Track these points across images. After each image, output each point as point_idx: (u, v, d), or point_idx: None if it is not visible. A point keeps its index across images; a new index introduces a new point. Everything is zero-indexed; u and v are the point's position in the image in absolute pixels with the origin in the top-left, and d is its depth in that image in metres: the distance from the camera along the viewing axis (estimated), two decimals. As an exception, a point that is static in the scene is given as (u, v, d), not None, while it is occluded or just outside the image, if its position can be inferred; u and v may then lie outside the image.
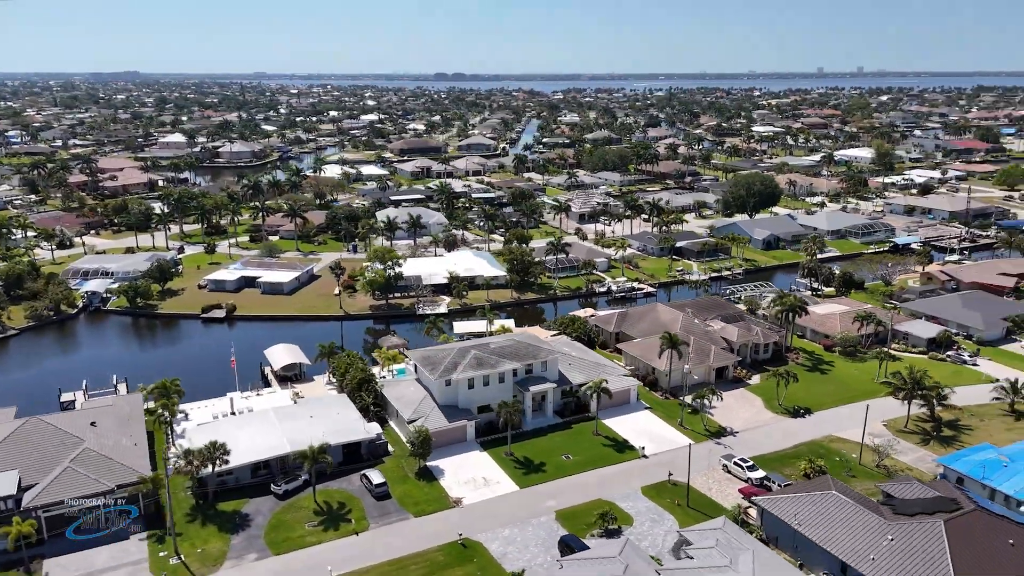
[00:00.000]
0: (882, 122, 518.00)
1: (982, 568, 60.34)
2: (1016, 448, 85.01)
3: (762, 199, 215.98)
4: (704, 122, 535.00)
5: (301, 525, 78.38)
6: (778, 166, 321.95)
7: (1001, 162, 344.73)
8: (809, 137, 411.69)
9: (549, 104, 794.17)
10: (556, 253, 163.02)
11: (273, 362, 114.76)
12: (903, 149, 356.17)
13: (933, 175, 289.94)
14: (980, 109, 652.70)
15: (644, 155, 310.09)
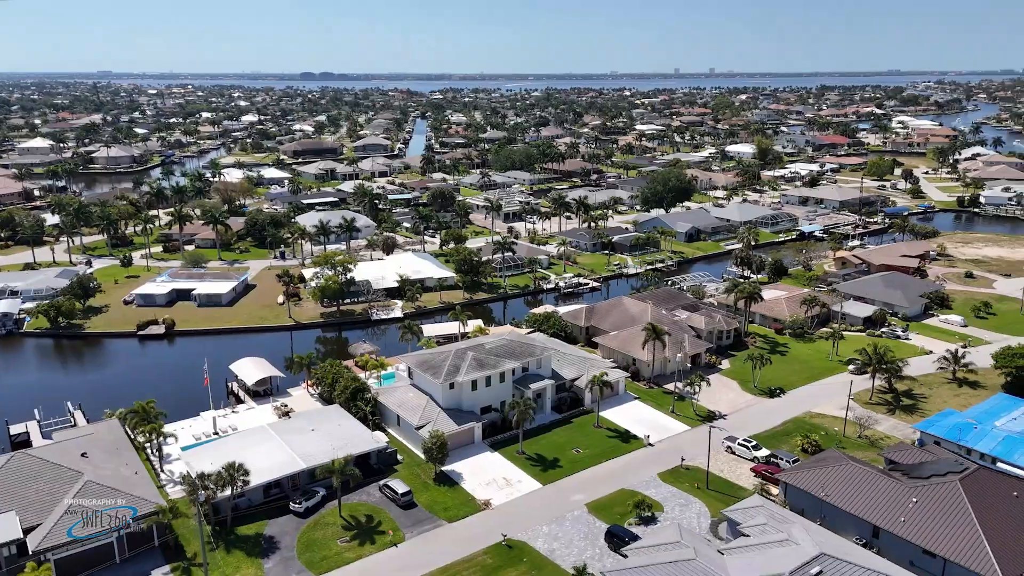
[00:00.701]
0: (749, 120, 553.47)
1: (998, 519, 67.58)
2: (977, 411, 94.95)
3: (677, 194, 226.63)
4: (588, 121, 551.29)
5: (333, 542, 75.74)
6: (672, 162, 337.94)
7: (861, 155, 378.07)
8: (693, 135, 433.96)
9: (432, 104, 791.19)
10: (503, 252, 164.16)
11: (245, 377, 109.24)
12: (778, 144, 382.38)
13: (811, 168, 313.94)
14: (829, 107, 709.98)
15: (550, 154, 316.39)
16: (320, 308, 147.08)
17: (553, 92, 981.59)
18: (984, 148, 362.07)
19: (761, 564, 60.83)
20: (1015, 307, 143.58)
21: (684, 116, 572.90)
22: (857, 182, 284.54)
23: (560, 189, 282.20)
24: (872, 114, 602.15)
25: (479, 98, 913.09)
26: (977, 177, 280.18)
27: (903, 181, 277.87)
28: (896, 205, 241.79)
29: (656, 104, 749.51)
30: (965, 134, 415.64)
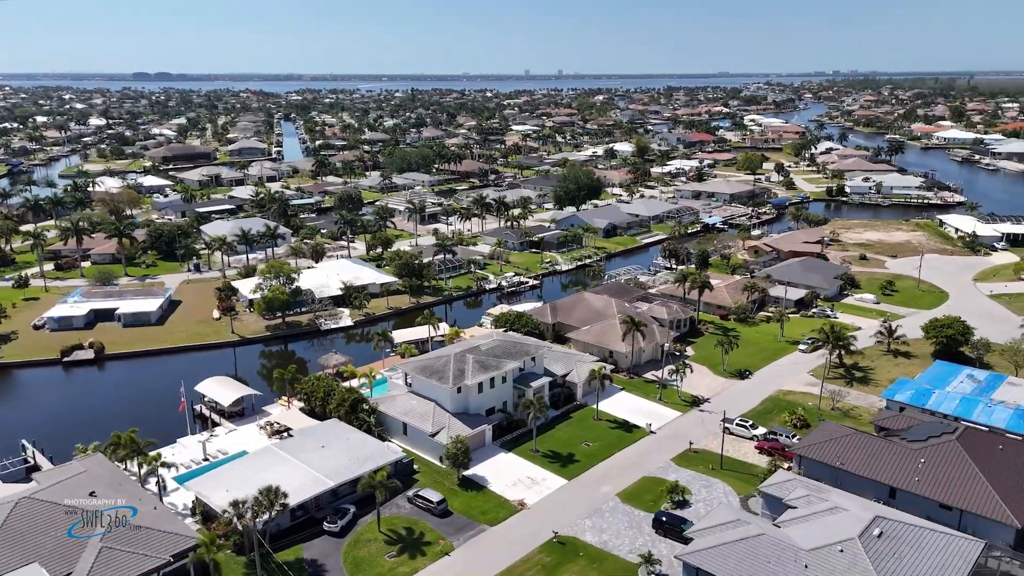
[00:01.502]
0: (616, 119, 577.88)
1: (996, 469, 76.57)
2: (926, 377, 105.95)
3: (589, 192, 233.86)
4: (462, 122, 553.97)
5: (381, 559, 73.44)
6: (560, 162, 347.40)
7: (726, 151, 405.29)
8: (572, 134, 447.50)
9: (294, 105, 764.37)
10: (444, 254, 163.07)
11: (217, 398, 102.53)
12: (654, 143, 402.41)
13: (690, 164, 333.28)
14: (682, 107, 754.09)
15: (446, 155, 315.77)
16: (263, 321, 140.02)
17: (418, 93, 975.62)
18: (833, 143, 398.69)
19: (824, 532, 65.63)
20: (912, 284, 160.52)
21: (555, 117, 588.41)
22: (732, 177, 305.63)
23: (461, 190, 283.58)
24: (722, 113, 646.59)
25: (341, 99, 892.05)
26: (836, 169, 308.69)
27: (775, 174, 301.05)
28: (778, 196, 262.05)
29: (521, 105, 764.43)
30: (812, 131, 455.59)
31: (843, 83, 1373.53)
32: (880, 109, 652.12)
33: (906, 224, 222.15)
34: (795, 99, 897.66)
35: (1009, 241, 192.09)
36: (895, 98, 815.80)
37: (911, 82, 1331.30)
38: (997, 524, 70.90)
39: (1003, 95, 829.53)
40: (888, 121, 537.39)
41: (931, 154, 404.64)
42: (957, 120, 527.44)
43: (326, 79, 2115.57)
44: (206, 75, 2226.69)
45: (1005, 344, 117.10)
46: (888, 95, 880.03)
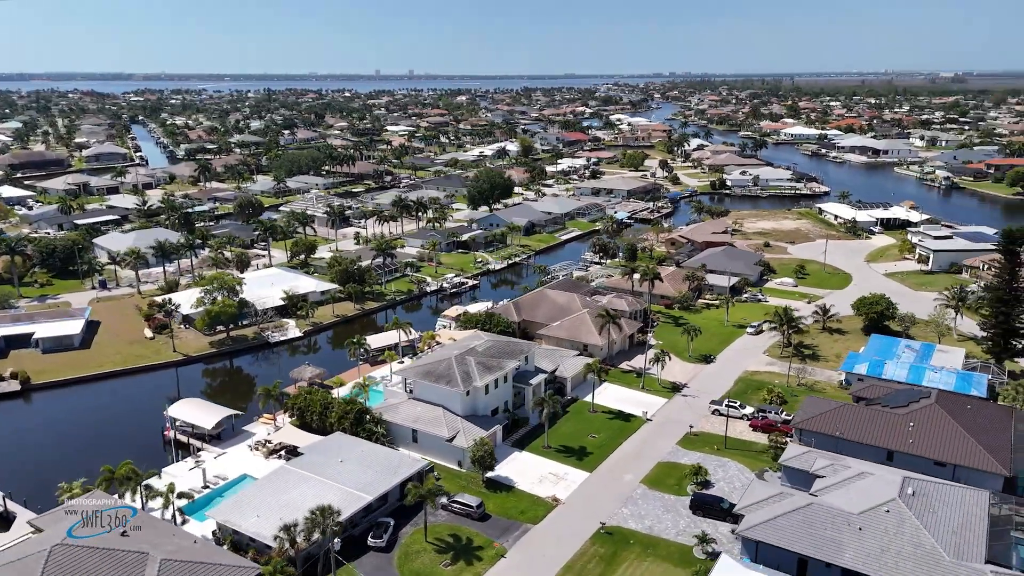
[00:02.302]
0: (488, 119, 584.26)
1: (973, 426, 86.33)
2: (871, 350, 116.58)
3: (503, 191, 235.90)
4: (333, 123, 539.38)
5: (438, 568, 72.02)
6: (450, 162, 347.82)
7: (601, 149, 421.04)
8: (455, 134, 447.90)
9: (144, 107, 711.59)
10: (383, 257, 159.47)
11: (198, 421, 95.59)
12: (536, 143, 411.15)
13: (578, 163, 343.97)
14: (546, 107, 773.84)
15: (337, 157, 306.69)
16: (204, 337, 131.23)
17: (273, 94, 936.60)
18: (701, 140, 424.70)
19: (864, 496, 71.56)
20: (818, 268, 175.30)
21: (429, 117, 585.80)
22: (617, 174, 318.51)
23: (357, 192, 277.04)
24: (585, 113, 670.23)
25: (189, 100, 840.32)
26: (713, 164, 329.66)
27: (660, 170, 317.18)
28: (670, 191, 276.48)
29: (386, 105, 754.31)
30: (677, 129, 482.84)
31: (684, 84, 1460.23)
32: (725, 108, 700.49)
33: (790, 213, 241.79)
34: (648, 99, 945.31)
35: (883, 225, 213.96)
36: (735, 98, 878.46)
37: (742, 83, 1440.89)
38: (987, 474, 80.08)
39: (824, 94, 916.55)
40: (738, 119, 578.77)
41: (782, 149, 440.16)
42: (794, 117, 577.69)
43: (160, 79, 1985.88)
44: (19, 74, 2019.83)
45: (928, 317, 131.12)
46: (727, 95, 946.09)
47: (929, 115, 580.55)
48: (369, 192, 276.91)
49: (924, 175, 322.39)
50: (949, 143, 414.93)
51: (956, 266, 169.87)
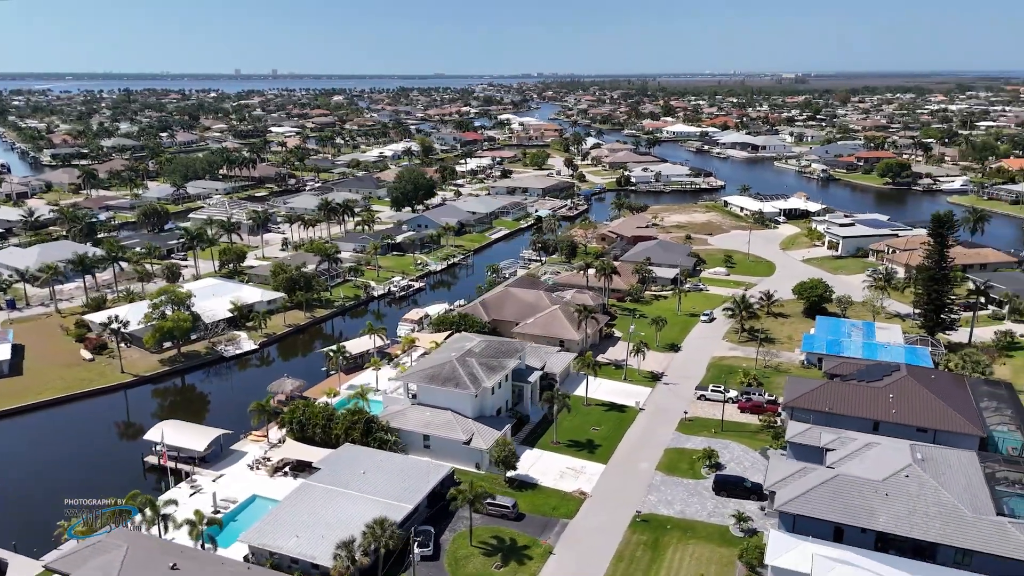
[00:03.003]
0: (376, 120, 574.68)
1: (943, 394, 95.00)
2: (823, 331, 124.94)
3: (426, 192, 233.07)
4: (210, 125, 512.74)
5: (491, 570, 71.49)
6: (352, 162, 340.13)
7: (498, 148, 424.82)
8: (351, 136, 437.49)
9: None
10: (328, 263, 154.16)
11: (187, 444, 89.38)
12: (436, 143, 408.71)
13: (483, 162, 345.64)
14: (429, 107, 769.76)
15: (236, 160, 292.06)
16: (151, 356, 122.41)
17: (132, 94, 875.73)
18: (594, 138, 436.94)
19: (880, 464, 77.30)
20: (742, 257, 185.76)
21: (314, 118, 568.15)
22: (522, 173, 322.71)
23: (261, 197, 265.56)
24: (470, 113, 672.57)
25: (35, 101, 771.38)
26: (612, 162, 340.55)
27: (565, 168, 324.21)
28: (583, 188, 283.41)
29: (262, 105, 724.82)
30: (568, 128, 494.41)
31: (556, 84, 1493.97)
32: (604, 108, 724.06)
33: (698, 206, 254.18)
34: (528, 100, 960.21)
35: (786, 215, 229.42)
36: (608, 98, 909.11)
37: (610, 83, 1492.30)
38: (964, 436, 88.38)
39: (688, 94, 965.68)
40: (620, 119, 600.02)
41: (667, 146, 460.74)
42: (670, 116, 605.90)
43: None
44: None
45: (864, 299, 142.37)
46: (601, 95, 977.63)
47: (787, 113, 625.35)
48: (279, 196, 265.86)
49: (802, 168, 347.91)
50: (814, 138, 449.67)
51: (862, 251, 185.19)
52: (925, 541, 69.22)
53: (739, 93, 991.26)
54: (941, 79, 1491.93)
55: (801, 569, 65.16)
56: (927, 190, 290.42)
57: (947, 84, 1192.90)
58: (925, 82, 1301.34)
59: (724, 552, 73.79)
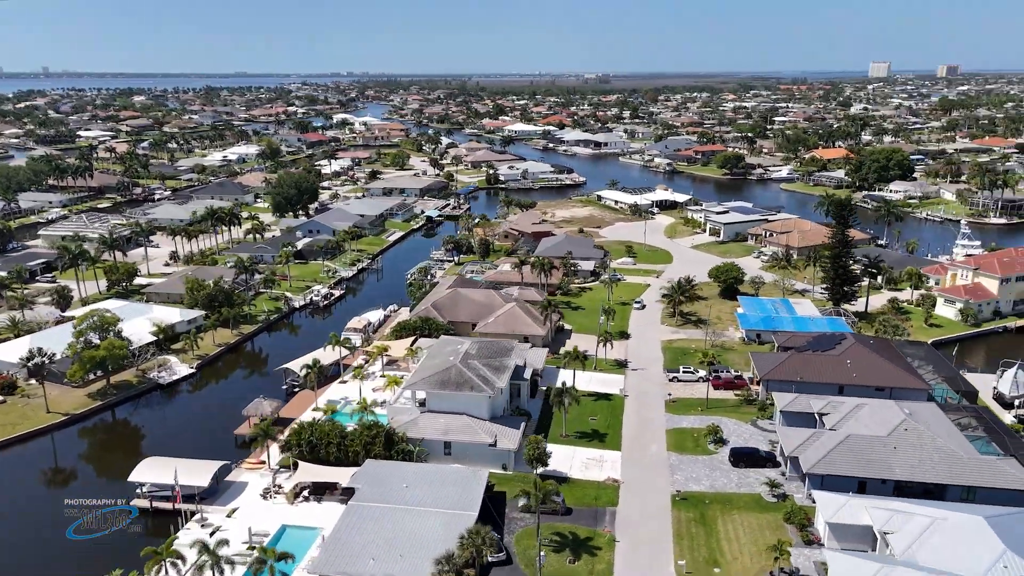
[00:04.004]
0: (198, 122, 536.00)
1: (887, 356, 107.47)
2: (750, 308, 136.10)
3: (311, 196, 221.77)
4: (2, 130, 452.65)
5: (567, 566, 71.99)
6: (197, 168, 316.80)
7: (344, 149, 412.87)
8: (185, 139, 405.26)
9: None
10: (246, 275, 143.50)
11: (191, 481, 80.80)
12: (282, 145, 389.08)
13: (344, 164, 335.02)
14: (249, 107, 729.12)
15: (67, 169, 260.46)
16: (76, 390, 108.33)
17: None
18: (446, 138, 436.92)
19: (878, 422, 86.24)
20: (639, 247, 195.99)
21: (127, 121, 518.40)
22: (386, 173, 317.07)
23: (104, 209, 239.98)
24: (297, 113, 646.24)
25: None
26: (474, 161, 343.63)
27: (431, 168, 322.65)
28: (461, 188, 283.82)
29: (53, 106, 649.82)
30: (413, 128, 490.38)
31: (374, 84, 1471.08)
32: (436, 108, 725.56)
33: (575, 202, 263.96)
34: (355, 99, 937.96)
35: (658, 207, 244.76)
36: (437, 98, 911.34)
37: (428, 83, 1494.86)
38: (914, 391, 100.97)
39: (510, 94, 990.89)
40: (458, 118, 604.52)
41: (515, 145, 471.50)
42: (502, 116, 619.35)
43: None
44: None
45: (774, 280, 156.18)
46: (427, 95, 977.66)
47: (609, 111, 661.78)
48: (131, 207, 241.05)
49: (646, 163, 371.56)
50: (645, 135, 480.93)
51: (741, 235, 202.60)
52: (936, 484, 78.96)
53: (555, 93, 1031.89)
54: (722, 79, 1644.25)
55: (862, 522, 72.00)
56: (760, 179, 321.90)
57: (729, 83, 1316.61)
58: (711, 82, 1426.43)
59: (768, 517, 79.33)
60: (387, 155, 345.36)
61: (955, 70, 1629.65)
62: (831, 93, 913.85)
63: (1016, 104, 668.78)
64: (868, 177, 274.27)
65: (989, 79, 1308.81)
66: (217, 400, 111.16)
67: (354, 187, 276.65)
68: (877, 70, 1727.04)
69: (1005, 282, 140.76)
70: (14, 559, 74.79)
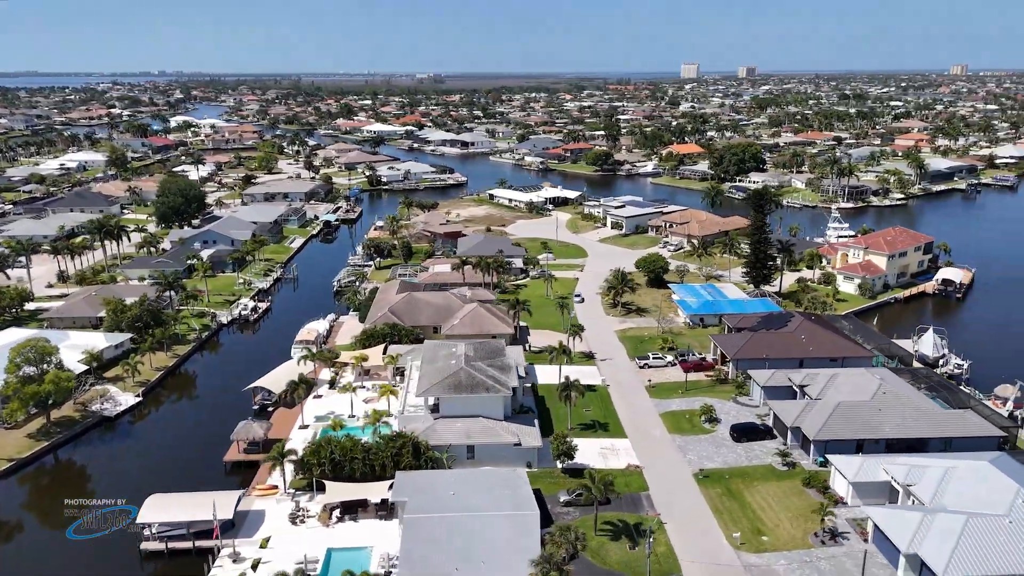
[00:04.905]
0: (8, 127, 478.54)
1: (829, 329, 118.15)
2: (686, 294, 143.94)
3: (199, 205, 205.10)
4: None
5: (630, 552, 73.76)
6: (33, 177, 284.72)
7: (210, 152, 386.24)
8: (7, 146, 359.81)
9: None
10: (170, 292, 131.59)
11: (208, 515, 73.91)
12: (127, 150, 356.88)
13: (207, 170, 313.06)
14: (64, 109, 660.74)
15: None
16: (12, 431, 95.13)
17: None
18: (312, 140, 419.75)
19: (856, 388, 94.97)
20: (552, 243, 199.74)
21: None
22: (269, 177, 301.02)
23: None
24: (121, 116, 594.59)
25: None
26: (346, 162, 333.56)
27: (305, 171, 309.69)
28: (352, 188, 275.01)
29: None
30: (267, 130, 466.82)
31: (197, 84, 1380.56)
32: (279, 108, 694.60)
33: (470, 201, 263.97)
34: (185, 100, 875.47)
35: (554, 203, 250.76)
36: (276, 99, 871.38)
37: (257, 82, 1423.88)
38: (862, 359, 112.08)
39: (350, 94, 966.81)
40: (309, 119, 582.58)
41: (383, 145, 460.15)
42: (349, 116, 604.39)
43: None
44: None
45: (696, 268, 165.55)
46: (263, 95, 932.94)
47: (458, 110, 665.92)
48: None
49: (518, 161, 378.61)
50: (506, 134, 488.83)
51: (642, 228, 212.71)
52: (919, 438, 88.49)
53: (396, 93, 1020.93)
54: (552, 79, 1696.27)
55: (880, 478, 79.42)
56: (629, 175, 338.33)
57: (559, 84, 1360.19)
58: (542, 82, 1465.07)
59: (786, 485, 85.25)
60: (251, 159, 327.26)
61: (753, 71, 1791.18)
62: (656, 92, 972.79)
63: (817, 102, 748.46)
64: (729, 169, 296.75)
65: (783, 79, 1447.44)
66: (184, 428, 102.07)
67: (230, 193, 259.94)
68: (688, 71, 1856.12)
69: (892, 258, 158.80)
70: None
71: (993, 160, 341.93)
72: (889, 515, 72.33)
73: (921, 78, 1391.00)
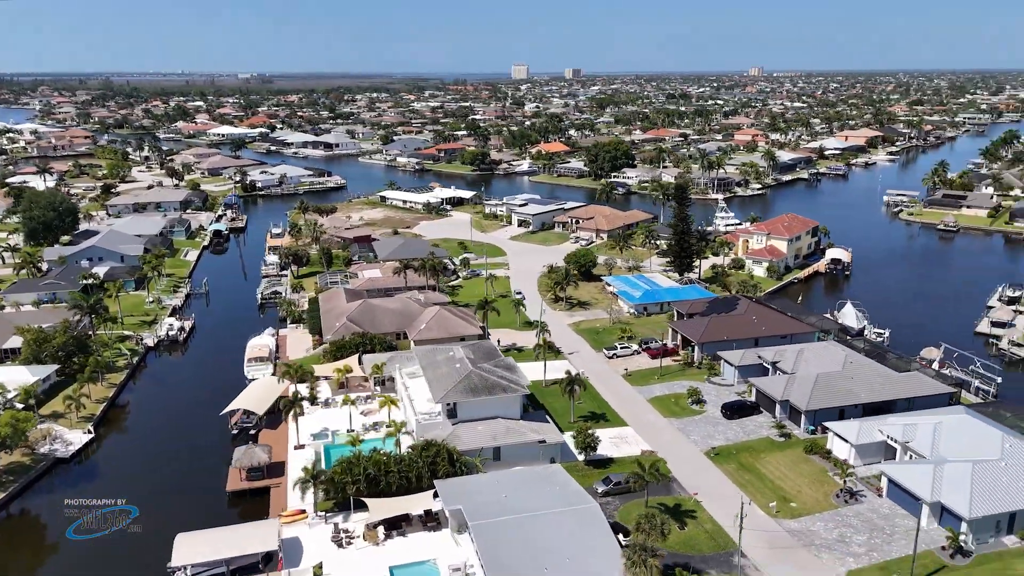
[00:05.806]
0: None
1: (774, 309, 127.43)
2: (626, 286, 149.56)
3: (72, 218, 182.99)
4: None
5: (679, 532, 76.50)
6: None
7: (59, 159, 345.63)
8: None
9: None
10: (91, 317, 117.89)
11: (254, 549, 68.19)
12: None
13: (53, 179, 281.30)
14: None
15: None
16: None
17: None
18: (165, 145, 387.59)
19: (824, 360, 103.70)
20: (468, 243, 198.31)
21: None
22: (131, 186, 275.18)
23: None
24: None
25: None
26: (210, 168, 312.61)
27: (169, 179, 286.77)
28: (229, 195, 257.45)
29: None
30: (102, 136, 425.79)
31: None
32: (101, 111, 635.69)
33: (363, 203, 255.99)
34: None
35: (450, 204, 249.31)
36: (92, 100, 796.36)
37: (58, 83, 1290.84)
38: (807, 335, 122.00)
39: (173, 95, 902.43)
40: (141, 122, 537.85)
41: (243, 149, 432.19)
42: (186, 119, 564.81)
43: None
44: None
45: (622, 260, 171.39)
46: (71, 96, 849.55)
47: (306, 111, 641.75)
48: None
49: (390, 162, 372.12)
50: (367, 135, 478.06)
51: (548, 225, 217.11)
52: (888, 400, 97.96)
53: (225, 93, 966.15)
54: (386, 79, 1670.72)
55: (876, 439, 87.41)
56: (506, 173, 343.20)
57: (395, 84, 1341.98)
58: (376, 82, 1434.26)
59: (790, 453, 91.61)
60: (95, 167, 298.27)
61: (579, 72, 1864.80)
62: (497, 93, 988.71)
63: (647, 101, 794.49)
64: (604, 167, 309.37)
65: (609, 79, 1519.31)
66: (160, 461, 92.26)
67: (89, 204, 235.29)
68: (519, 72, 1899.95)
69: (791, 242, 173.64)
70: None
71: (823, 152, 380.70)
72: (903, 470, 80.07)
73: (727, 79, 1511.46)
